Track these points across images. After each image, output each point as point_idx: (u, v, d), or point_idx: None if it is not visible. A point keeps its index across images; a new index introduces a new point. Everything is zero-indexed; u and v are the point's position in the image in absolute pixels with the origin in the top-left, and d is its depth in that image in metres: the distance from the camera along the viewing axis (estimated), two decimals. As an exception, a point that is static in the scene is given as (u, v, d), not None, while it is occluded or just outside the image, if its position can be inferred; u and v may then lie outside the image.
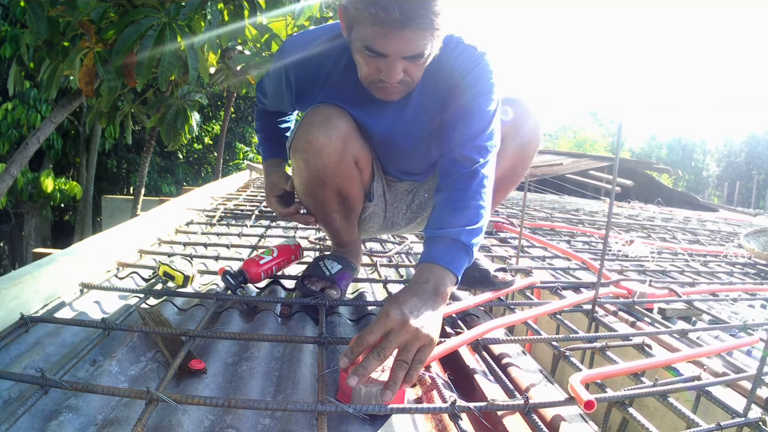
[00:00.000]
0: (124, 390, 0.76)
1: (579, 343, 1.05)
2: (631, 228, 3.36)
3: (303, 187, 1.21)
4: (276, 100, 1.23)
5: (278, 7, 2.49)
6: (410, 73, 0.94)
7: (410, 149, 1.18)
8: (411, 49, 0.88)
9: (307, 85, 1.13)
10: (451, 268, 0.92)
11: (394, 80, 0.93)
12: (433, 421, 0.83)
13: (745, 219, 6.16)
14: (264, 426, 0.78)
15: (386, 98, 1.01)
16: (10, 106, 6.70)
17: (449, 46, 1.03)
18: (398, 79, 0.93)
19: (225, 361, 0.97)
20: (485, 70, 1.03)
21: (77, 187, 7.55)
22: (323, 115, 1.09)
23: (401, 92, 1.00)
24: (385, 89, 0.97)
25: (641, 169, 12.39)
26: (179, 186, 9.36)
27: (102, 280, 1.28)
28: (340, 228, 1.29)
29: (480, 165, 1.02)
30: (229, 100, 7.41)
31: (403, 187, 1.34)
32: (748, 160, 27.68)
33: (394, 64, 0.90)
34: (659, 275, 1.88)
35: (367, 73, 0.96)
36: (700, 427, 0.76)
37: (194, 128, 3.79)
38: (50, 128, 2.75)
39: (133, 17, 2.06)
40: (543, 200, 6.20)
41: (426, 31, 0.85)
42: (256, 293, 1.33)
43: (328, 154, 1.09)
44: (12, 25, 5.52)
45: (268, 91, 1.24)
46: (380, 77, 0.94)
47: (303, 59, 1.10)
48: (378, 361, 0.76)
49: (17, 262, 8.63)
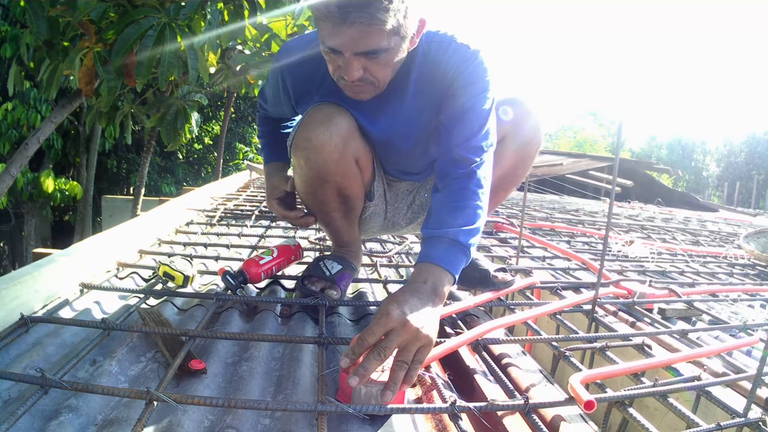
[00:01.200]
0: (124, 390, 0.76)
1: (579, 343, 1.05)
2: (631, 228, 3.36)
3: (304, 185, 1.21)
4: (276, 105, 1.23)
5: (278, 7, 2.50)
6: (372, 72, 0.93)
7: (408, 149, 1.18)
8: (360, 45, 0.87)
9: (304, 89, 1.13)
10: (449, 268, 0.92)
11: (352, 77, 0.92)
12: (433, 421, 0.83)
13: (745, 219, 6.16)
14: (264, 426, 0.78)
15: (354, 96, 1.01)
16: (10, 106, 6.70)
17: (442, 45, 1.03)
18: (357, 76, 0.92)
19: (225, 361, 0.97)
20: (479, 69, 1.03)
21: (77, 187, 7.55)
22: (324, 113, 1.09)
23: (368, 92, 0.99)
24: (350, 87, 0.97)
25: (641, 169, 12.40)
26: (179, 186, 9.36)
27: (102, 280, 1.28)
28: (340, 228, 1.29)
29: (477, 165, 1.02)
30: (229, 100, 7.41)
31: (403, 187, 1.34)
32: (748, 160, 27.69)
33: (349, 61, 0.90)
34: (659, 275, 1.88)
35: (332, 70, 0.96)
36: (700, 427, 0.76)
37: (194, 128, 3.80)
38: (50, 128, 2.75)
39: (133, 17, 2.06)
40: (543, 200, 6.20)
41: (369, 26, 0.84)
42: (256, 293, 1.33)
43: (328, 151, 1.09)
44: (12, 25, 5.52)
45: (269, 98, 1.25)
46: (341, 74, 0.94)
47: (298, 63, 1.10)
48: (378, 361, 0.76)
49: (17, 262, 8.63)
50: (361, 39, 0.86)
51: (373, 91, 0.99)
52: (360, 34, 0.85)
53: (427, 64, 1.04)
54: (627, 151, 30.81)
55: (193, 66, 2.24)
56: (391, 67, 0.95)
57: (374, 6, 0.82)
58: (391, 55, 0.92)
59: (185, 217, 2.31)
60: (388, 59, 0.92)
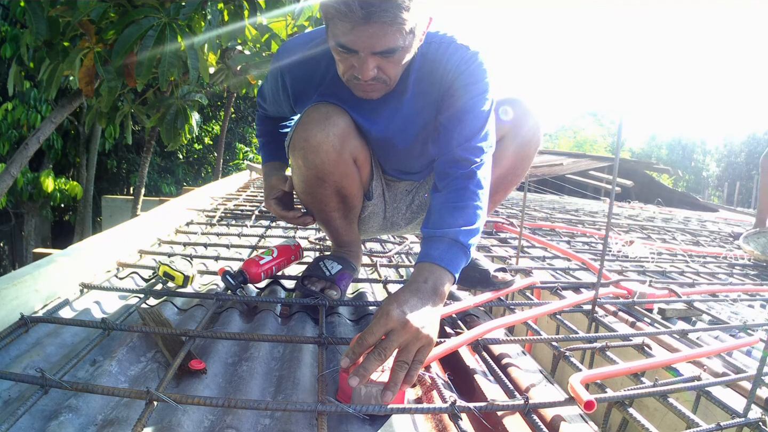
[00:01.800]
0: (124, 390, 0.75)
1: (579, 344, 1.05)
2: (631, 228, 3.36)
3: (302, 185, 1.21)
4: (275, 104, 1.24)
5: (278, 7, 2.50)
6: (385, 71, 0.94)
7: (406, 149, 1.18)
8: (379, 45, 0.87)
9: (302, 87, 1.13)
10: (449, 268, 0.92)
11: (367, 77, 0.92)
12: (433, 421, 0.83)
13: (745, 219, 6.15)
14: (264, 426, 0.78)
15: (365, 96, 1.00)
16: (10, 106, 6.70)
17: (442, 46, 1.03)
18: (371, 75, 0.92)
19: (225, 361, 0.97)
20: (479, 70, 1.03)
21: (77, 187, 7.56)
22: (321, 112, 1.09)
23: (379, 90, 0.99)
24: (362, 86, 0.97)
25: (641, 169, 12.39)
26: (179, 186, 9.37)
27: (102, 280, 1.28)
28: (339, 227, 1.29)
29: (476, 166, 1.02)
30: (229, 100, 7.42)
31: (402, 187, 1.34)
32: (748, 160, 27.66)
33: (365, 60, 0.90)
34: (659, 276, 1.88)
35: (343, 70, 0.96)
36: (700, 427, 0.76)
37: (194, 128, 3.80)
38: (50, 128, 2.75)
39: (133, 17, 2.06)
40: (543, 200, 6.20)
41: (391, 25, 0.84)
42: (256, 293, 1.33)
43: (326, 151, 1.10)
44: (12, 25, 5.52)
45: (268, 97, 1.25)
46: (354, 74, 0.94)
47: (297, 62, 1.10)
48: (379, 362, 0.76)
49: (17, 262, 8.63)
50: (381, 38, 0.86)
51: (383, 89, 0.99)
52: (380, 34, 0.85)
53: (427, 64, 1.04)
54: (627, 151, 30.80)
55: (193, 66, 2.24)
56: (402, 65, 0.95)
57: (396, 5, 0.82)
58: (405, 53, 0.92)
59: (185, 217, 2.31)
60: (402, 57, 0.92)
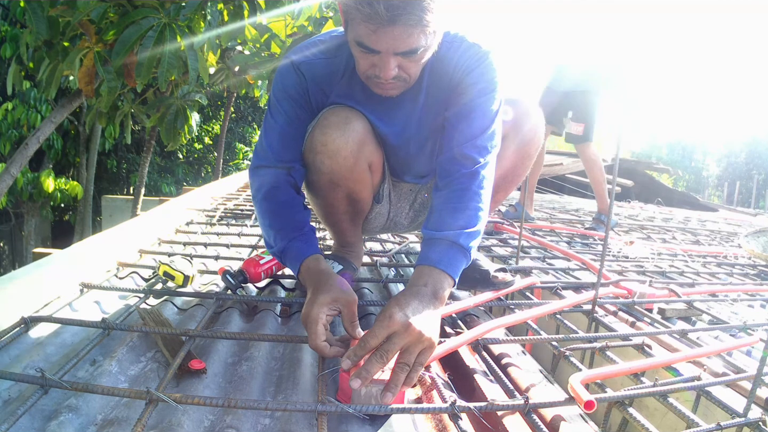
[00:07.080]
0: (124, 390, 0.75)
1: (579, 343, 1.05)
2: (631, 228, 3.36)
3: (313, 188, 1.20)
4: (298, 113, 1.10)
5: (278, 7, 2.50)
6: (406, 69, 0.94)
7: (418, 150, 1.18)
8: (402, 45, 0.87)
9: (320, 87, 1.09)
10: (448, 271, 0.92)
11: (388, 76, 0.92)
12: (433, 421, 0.83)
13: (745, 219, 6.15)
14: (264, 426, 0.78)
15: (384, 94, 1.00)
16: (10, 106, 6.70)
17: (453, 44, 1.03)
18: (392, 75, 0.92)
19: (225, 361, 0.97)
20: (489, 69, 1.03)
21: (77, 187, 7.55)
22: (340, 116, 1.08)
23: (398, 88, 0.99)
24: (382, 85, 0.97)
25: (641, 169, 12.37)
26: (179, 186, 9.36)
27: (102, 280, 1.27)
28: (345, 230, 1.29)
29: (480, 165, 1.01)
30: (229, 100, 7.42)
31: (406, 187, 1.34)
32: (748, 160, 27.66)
33: (387, 60, 0.90)
34: (659, 275, 1.88)
35: (363, 68, 0.96)
36: (700, 427, 0.76)
37: (194, 128, 3.80)
38: (50, 128, 2.75)
39: (133, 18, 2.06)
40: (543, 200, 6.20)
41: (415, 26, 0.84)
42: (256, 293, 1.33)
43: (344, 156, 1.08)
44: (12, 25, 5.52)
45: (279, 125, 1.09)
46: (375, 73, 0.94)
47: (315, 63, 1.07)
48: (381, 364, 0.76)
49: (17, 262, 8.62)
50: (405, 40, 0.86)
51: (402, 87, 0.99)
52: (405, 35, 0.85)
53: (438, 62, 1.04)
54: (627, 151, 30.79)
55: (193, 66, 2.24)
56: (422, 63, 0.95)
57: (421, 7, 0.82)
58: (426, 52, 0.92)
59: (185, 216, 2.31)
60: (423, 56, 0.93)
